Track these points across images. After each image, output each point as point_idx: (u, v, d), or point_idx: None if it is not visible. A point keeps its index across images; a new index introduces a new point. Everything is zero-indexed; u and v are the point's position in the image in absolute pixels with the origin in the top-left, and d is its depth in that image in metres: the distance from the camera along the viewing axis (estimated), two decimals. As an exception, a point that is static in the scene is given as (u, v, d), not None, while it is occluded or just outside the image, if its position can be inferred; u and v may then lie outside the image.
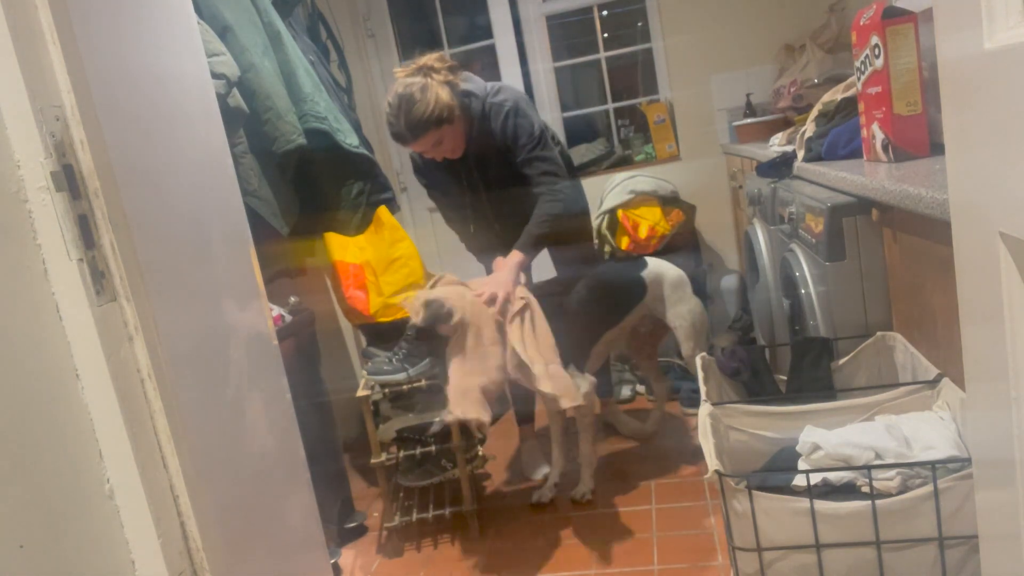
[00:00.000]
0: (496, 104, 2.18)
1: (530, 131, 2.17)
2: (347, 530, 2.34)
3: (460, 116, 2.16)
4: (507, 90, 2.22)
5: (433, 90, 2.08)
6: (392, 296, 2.61)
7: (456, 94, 2.14)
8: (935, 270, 1.27)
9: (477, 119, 2.19)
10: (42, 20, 0.97)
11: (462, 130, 2.19)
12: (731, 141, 3.32)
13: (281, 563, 1.45)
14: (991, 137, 0.68)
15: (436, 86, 2.09)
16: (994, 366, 0.73)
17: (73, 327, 1.00)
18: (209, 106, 1.46)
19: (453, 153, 2.23)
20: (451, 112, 2.11)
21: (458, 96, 2.14)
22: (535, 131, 2.18)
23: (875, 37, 1.56)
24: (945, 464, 1.08)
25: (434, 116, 2.08)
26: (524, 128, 2.17)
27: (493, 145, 2.21)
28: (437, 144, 2.16)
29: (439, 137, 2.13)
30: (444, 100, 2.09)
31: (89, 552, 0.99)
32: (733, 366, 1.65)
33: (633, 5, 3.64)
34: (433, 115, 2.08)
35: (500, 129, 2.18)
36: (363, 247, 2.62)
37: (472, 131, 2.21)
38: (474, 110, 2.18)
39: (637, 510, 2.21)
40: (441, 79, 2.12)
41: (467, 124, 2.20)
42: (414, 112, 2.07)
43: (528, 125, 2.17)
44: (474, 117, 2.18)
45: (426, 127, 2.09)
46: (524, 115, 2.18)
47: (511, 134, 2.17)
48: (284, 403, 1.58)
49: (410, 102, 2.07)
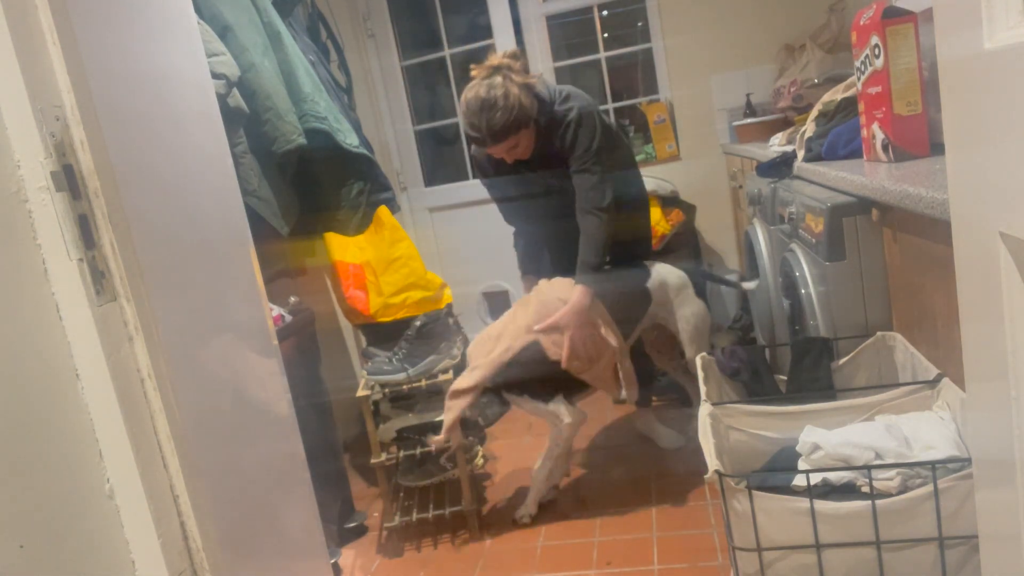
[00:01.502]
0: (563, 112, 2.17)
1: (588, 145, 2.16)
2: (347, 530, 2.34)
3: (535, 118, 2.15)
4: (575, 97, 2.21)
5: (514, 94, 2.07)
6: (392, 296, 2.61)
7: (531, 95, 2.13)
8: (935, 270, 1.27)
9: (545, 123, 2.18)
10: (42, 20, 0.97)
11: (532, 133, 2.18)
12: (731, 141, 3.32)
13: (281, 563, 1.45)
14: (991, 137, 0.68)
15: (515, 89, 2.08)
16: (994, 366, 0.73)
17: (73, 327, 0.99)
18: (209, 106, 1.46)
19: (524, 154, 2.22)
20: (530, 116, 2.11)
21: (534, 98, 2.13)
22: (593, 145, 2.16)
23: (875, 37, 1.56)
24: (945, 464, 1.08)
25: (515, 120, 2.08)
26: (582, 142, 2.16)
27: (554, 151, 2.21)
28: (513, 148, 2.16)
29: (517, 141, 2.13)
30: (525, 104, 2.09)
31: (89, 552, 0.99)
32: (733, 366, 1.65)
33: (633, 5, 3.64)
34: (515, 120, 2.08)
35: (560, 137, 2.17)
36: (363, 247, 2.62)
37: (539, 134, 2.20)
38: (543, 114, 2.17)
39: (637, 510, 2.21)
40: (520, 80, 2.10)
41: (537, 127, 2.19)
42: (497, 117, 2.06)
43: (587, 139, 2.16)
44: (543, 121, 2.18)
45: (508, 132, 2.09)
46: (587, 127, 2.16)
47: (569, 144, 2.17)
48: (284, 403, 1.58)
49: (493, 107, 2.06)
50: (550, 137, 2.18)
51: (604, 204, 2.15)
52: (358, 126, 2.76)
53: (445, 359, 2.33)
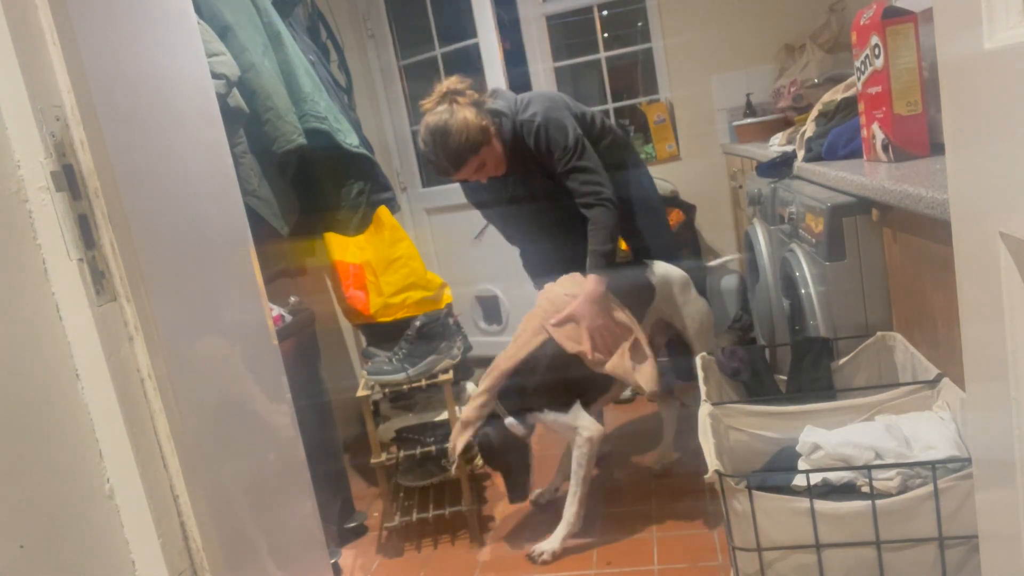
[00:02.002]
0: (526, 121, 2.13)
1: (564, 144, 2.11)
2: (347, 530, 2.34)
3: (495, 134, 2.12)
4: (536, 101, 2.16)
5: (461, 115, 2.04)
6: (392, 296, 2.61)
7: (485, 113, 2.10)
8: (935, 270, 1.27)
9: (510, 138, 2.15)
10: (42, 20, 0.97)
11: (499, 151, 2.15)
12: (731, 141, 3.32)
13: (281, 563, 1.45)
14: (991, 137, 0.68)
15: (463, 110, 2.05)
16: (994, 366, 0.73)
17: (73, 327, 0.99)
18: (209, 106, 1.46)
19: (496, 171, 2.20)
20: (486, 133, 2.08)
21: (487, 115, 2.11)
22: (569, 142, 2.11)
23: (875, 37, 1.56)
24: (945, 464, 1.08)
25: (470, 142, 2.05)
26: (557, 142, 2.11)
27: (532, 161, 2.18)
28: (480, 168, 2.14)
29: (480, 161, 2.11)
30: (475, 123, 2.05)
31: (89, 552, 0.99)
32: (733, 366, 1.65)
33: (633, 5, 3.64)
34: (469, 141, 2.05)
35: (535, 146, 2.13)
36: (363, 247, 2.63)
37: (508, 149, 2.17)
38: (506, 128, 2.14)
39: (637, 510, 2.21)
40: (466, 101, 2.08)
41: (503, 143, 2.16)
42: (450, 143, 2.04)
43: (561, 137, 2.11)
44: (508, 136, 2.14)
45: (466, 155, 2.07)
46: (556, 127, 2.11)
47: (545, 150, 2.12)
48: (284, 403, 1.58)
49: (444, 134, 2.04)
50: (522, 147, 2.15)
51: (604, 194, 2.11)
52: (358, 126, 2.76)
53: (445, 359, 2.33)
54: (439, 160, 2.08)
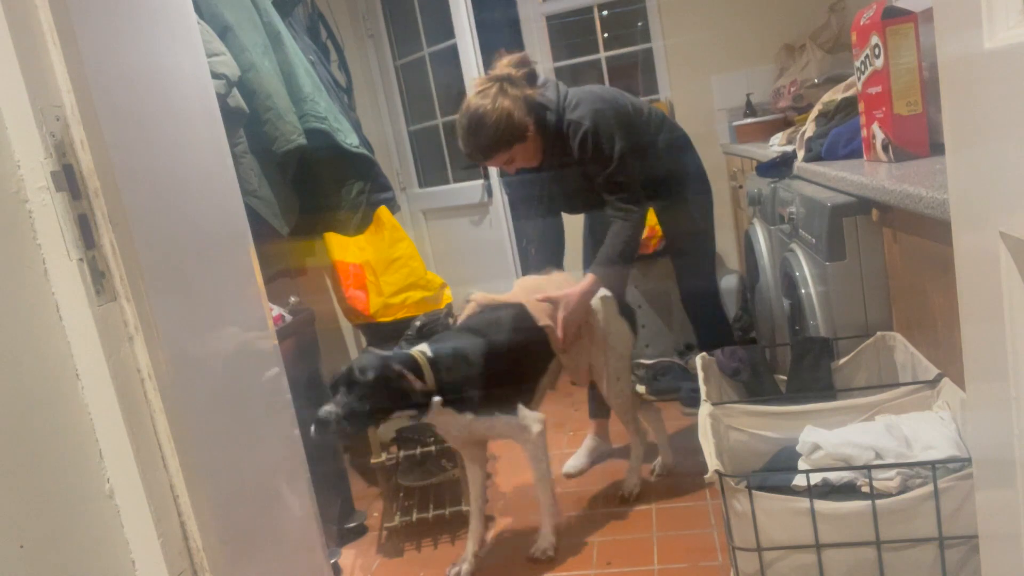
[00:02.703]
0: (574, 122, 2.08)
1: (609, 153, 2.07)
2: (347, 530, 2.34)
3: (534, 133, 2.08)
4: (586, 102, 2.09)
5: (504, 109, 2.00)
6: (392, 296, 2.61)
7: (532, 108, 2.05)
8: (935, 270, 1.27)
9: (553, 134, 2.10)
10: (42, 20, 0.97)
11: (536, 145, 2.12)
12: (731, 141, 3.32)
13: (281, 563, 1.45)
14: (991, 137, 0.68)
15: (508, 103, 2.01)
16: (994, 366, 0.73)
17: (73, 327, 1.00)
18: (209, 106, 1.46)
19: (528, 164, 2.17)
20: (523, 131, 2.04)
21: (533, 110, 2.06)
22: (615, 154, 2.07)
23: (875, 37, 1.56)
24: (945, 464, 1.08)
25: (504, 137, 2.02)
26: (603, 151, 2.07)
27: (571, 161, 2.13)
28: (509, 162, 2.11)
29: (510, 156, 2.08)
30: (515, 119, 2.01)
31: (89, 552, 0.99)
32: (733, 366, 1.65)
33: (633, 5, 3.64)
34: (503, 137, 2.01)
35: (578, 148, 2.09)
36: (363, 247, 2.62)
37: (548, 145, 2.13)
38: (550, 124, 2.09)
39: (637, 510, 2.21)
40: (517, 93, 2.03)
41: (543, 138, 2.12)
42: (483, 134, 2.01)
43: (607, 147, 2.07)
44: (550, 131, 2.10)
45: (496, 148, 2.04)
46: (604, 136, 2.07)
47: (589, 155, 2.09)
48: (284, 403, 1.58)
49: (480, 124, 2.00)
50: (563, 146, 2.11)
51: (635, 213, 2.10)
52: (358, 126, 2.77)
53: (445, 359, 2.33)
54: (468, 146, 2.06)
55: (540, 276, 2.24)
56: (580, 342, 2.14)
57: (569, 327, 2.07)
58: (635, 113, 2.21)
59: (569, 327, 2.07)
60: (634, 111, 2.21)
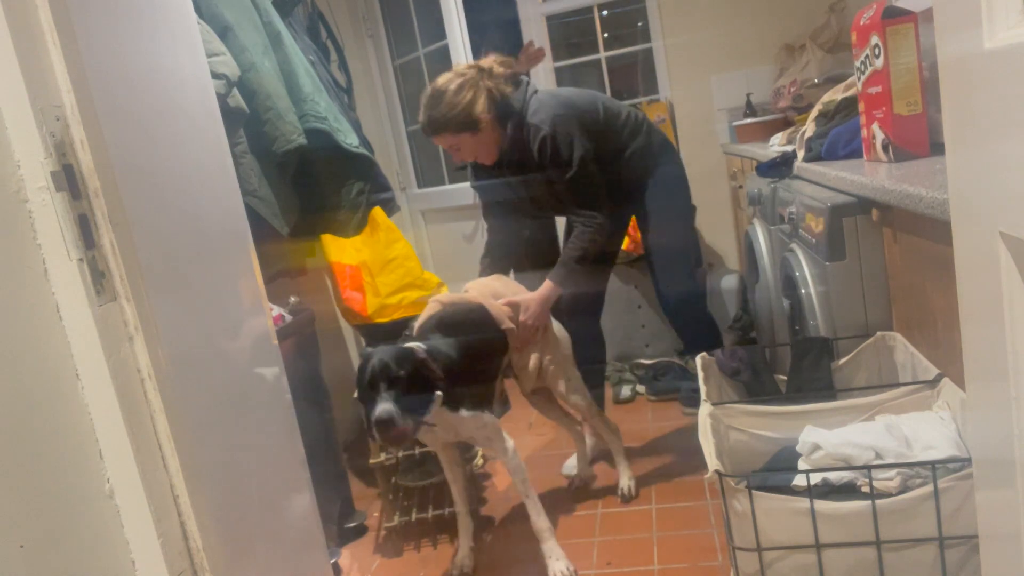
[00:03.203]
0: (533, 126, 2.07)
1: (567, 158, 2.07)
2: (347, 530, 2.34)
3: (490, 128, 2.08)
4: (547, 107, 2.08)
5: (468, 93, 2.01)
6: (388, 296, 2.61)
7: (496, 104, 2.06)
8: (935, 270, 1.27)
9: (512, 134, 2.10)
10: (42, 20, 0.97)
11: (492, 141, 2.12)
12: (731, 141, 3.32)
13: (281, 563, 1.45)
14: (991, 137, 0.68)
15: (475, 91, 2.02)
16: (994, 366, 0.73)
17: (73, 327, 1.00)
18: (209, 106, 1.46)
19: (479, 159, 2.17)
20: (474, 123, 2.05)
21: (495, 107, 2.06)
22: (573, 158, 2.06)
23: (875, 37, 1.56)
24: (945, 464, 1.08)
25: (456, 120, 2.03)
26: (562, 155, 2.07)
27: (531, 164, 2.13)
28: (454, 148, 2.12)
29: (456, 142, 2.09)
30: (472, 108, 2.02)
31: (89, 552, 0.99)
32: (733, 366, 1.65)
33: (633, 5, 3.64)
34: (455, 119, 2.03)
35: (537, 152, 2.09)
36: (359, 248, 2.62)
37: (507, 145, 2.13)
38: (510, 123, 2.09)
39: (637, 510, 2.21)
40: (489, 85, 2.05)
41: (500, 137, 2.12)
42: (438, 110, 2.04)
43: (566, 152, 2.06)
44: (509, 130, 2.10)
45: (444, 128, 2.05)
46: (562, 142, 2.05)
47: (548, 159, 2.09)
48: (284, 403, 1.58)
49: (438, 99, 2.03)
50: (525, 148, 2.11)
51: (596, 219, 2.10)
52: (358, 126, 2.77)
53: (445, 359, 2.32)
54: (423, 116, 2.08)
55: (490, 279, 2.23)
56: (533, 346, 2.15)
57: (529, 331, 2.10)
58: (608, 118, 2.20)
59: (529, 331, 2.10)
60: (607, 116, 2.20)
